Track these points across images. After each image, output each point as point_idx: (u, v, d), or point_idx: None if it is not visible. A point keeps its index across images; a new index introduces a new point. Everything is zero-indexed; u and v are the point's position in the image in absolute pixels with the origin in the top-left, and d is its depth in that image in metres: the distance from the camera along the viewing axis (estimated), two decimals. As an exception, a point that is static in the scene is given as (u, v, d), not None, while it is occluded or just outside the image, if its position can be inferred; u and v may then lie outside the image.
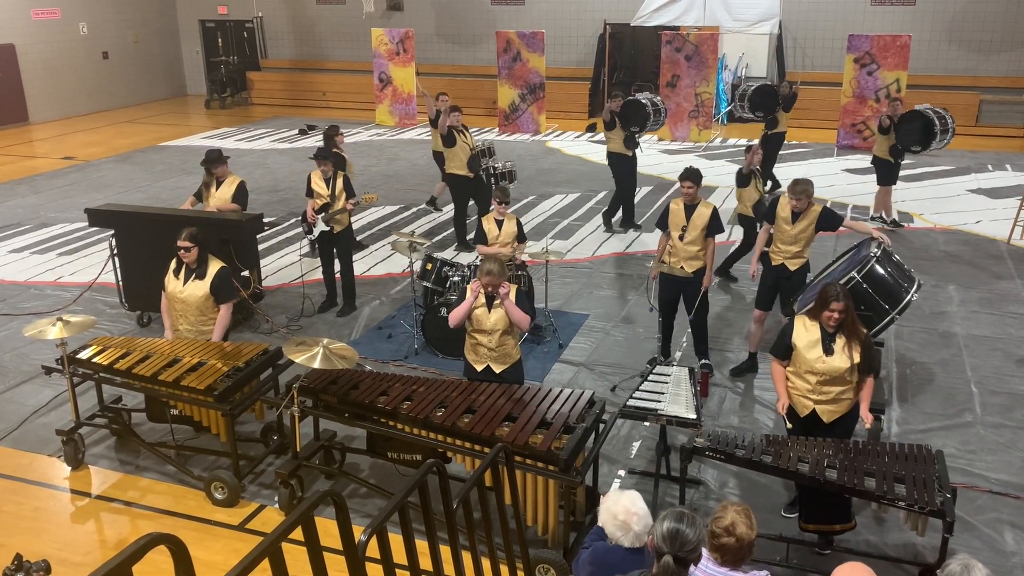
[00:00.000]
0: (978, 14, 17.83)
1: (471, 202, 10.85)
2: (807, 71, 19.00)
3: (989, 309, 8.75)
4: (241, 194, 8.48)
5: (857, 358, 5.01)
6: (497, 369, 5.78)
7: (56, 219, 12.38)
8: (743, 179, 9.12)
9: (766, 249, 7.28)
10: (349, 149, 16.83)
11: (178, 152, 16.96)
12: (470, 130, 10.85)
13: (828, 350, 5.05)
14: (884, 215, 11.50)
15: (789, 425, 5.37)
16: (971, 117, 17.52)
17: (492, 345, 5.73)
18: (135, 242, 8.37)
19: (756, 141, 11.37)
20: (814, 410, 5.17)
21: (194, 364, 5.85)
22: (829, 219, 6.94)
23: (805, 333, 5.15)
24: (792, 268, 7.04)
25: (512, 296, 5.64)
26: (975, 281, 9.51)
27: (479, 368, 5.83)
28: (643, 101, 11.61)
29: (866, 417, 5.10)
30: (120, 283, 8.67)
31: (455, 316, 5.73)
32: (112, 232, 8.60)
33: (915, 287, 6.16)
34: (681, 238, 7.11)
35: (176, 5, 24.14)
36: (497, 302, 5.62)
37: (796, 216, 6.89)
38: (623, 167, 11.22)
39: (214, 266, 6.26)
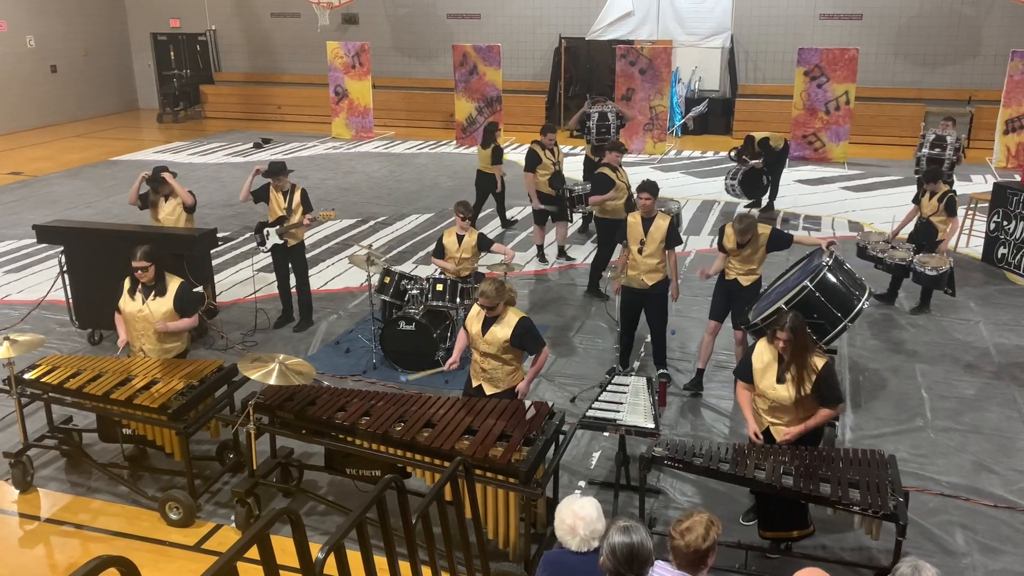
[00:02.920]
0: (923, 28, 18.33)
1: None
2: (758, 83, 19.37)
3: (938, 315, 8.95)
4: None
5: (807, 390, 5.01)
6: (488, 391, 5.71)
7: (3, 236, 12.08)
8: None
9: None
10: (304, 163, 16.78)
11: (130, 167, 16.66)
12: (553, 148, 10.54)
13: (780, 378, 5.08)
14: None
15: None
16: (917, 128, 17.89)
17: (485, 366, 5.68)
18: (85, 259, 8.21)
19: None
20: (768, 428, 5.25)
21: (147, 383, 5.74)
22: (778, 240, 6.96)
23: (762, 357, 5.20)
24: (744, 283, 7.08)
25: (511, 323, 5.52)
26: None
27: (474, 383, 5.80)
28: (591, 113, 11.77)
29: (789, 433, 5.09)
30: (70, 301, 8.49)
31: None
32: (61, 248, 8.43)
33: (866, 295, 6.29)
34: (640, 251, 7.17)
35: (127, 18, 23.79)
36: (494, 326, 5.54)
37: (743, 245, 6.95)
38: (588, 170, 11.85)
39: (174, 282, 6.15)
